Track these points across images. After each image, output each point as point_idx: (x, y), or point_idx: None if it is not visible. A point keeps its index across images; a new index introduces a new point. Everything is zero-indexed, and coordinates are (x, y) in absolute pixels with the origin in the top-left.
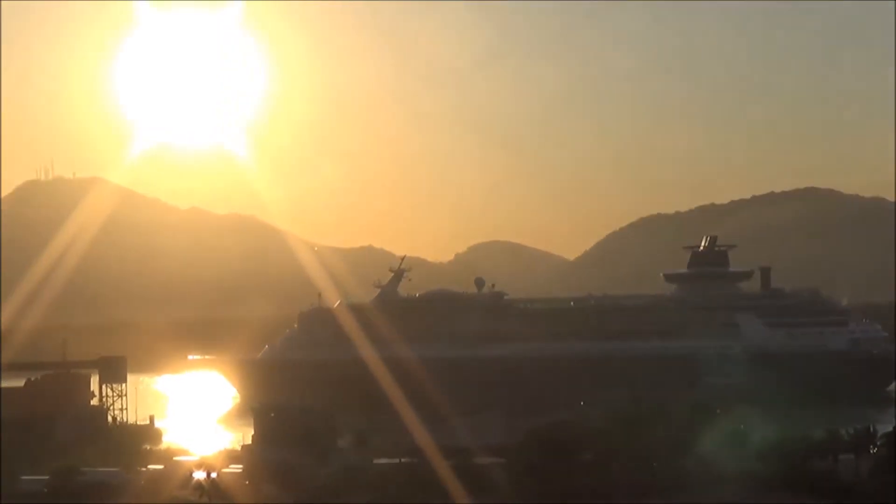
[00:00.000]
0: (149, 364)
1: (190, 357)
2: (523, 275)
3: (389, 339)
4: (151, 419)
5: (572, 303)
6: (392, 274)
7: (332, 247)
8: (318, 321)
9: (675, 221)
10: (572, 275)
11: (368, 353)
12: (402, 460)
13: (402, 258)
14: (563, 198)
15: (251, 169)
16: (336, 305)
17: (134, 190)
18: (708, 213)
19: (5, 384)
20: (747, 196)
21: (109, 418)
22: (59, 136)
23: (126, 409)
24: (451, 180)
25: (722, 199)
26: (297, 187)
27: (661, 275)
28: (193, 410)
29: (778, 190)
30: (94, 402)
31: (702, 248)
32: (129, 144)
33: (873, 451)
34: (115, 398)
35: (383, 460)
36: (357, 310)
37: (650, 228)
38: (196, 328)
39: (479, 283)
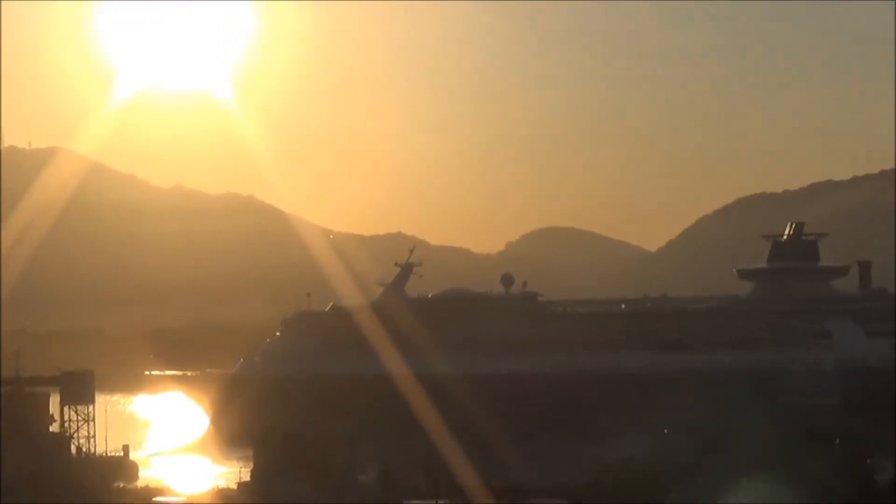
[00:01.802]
0: (123, 381)
1: (147, 373)
2: (591, 269)
3: (392, 350)
4: (125, 450)
5: (623, 305)
6: (398, 269)
7: (351, 233)
8: (304, 328)
9: (784, 202)
10: (652, 269)
11: (367, 366)
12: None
13: (412, 249)
14: (644, 176)
15: (250, 139)
16: (328, 308)
17: (104, 163)
18: (821, 191)
19: None
20: (874, 171)
21: (73, 448)
22: (9, 98)
23: (94, 437)
24: (502, 156)
25: (843, 173)
26: (306, 163)
27: (734, 271)
28: (170, 438)
29: None
30: (55, 427)
31: (785, 236)
32: (100, 104)
33: None
34: (80, 423)
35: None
36: (353, 314)
37: (751, 211)
38: (182, 335)
39: (507, 280)
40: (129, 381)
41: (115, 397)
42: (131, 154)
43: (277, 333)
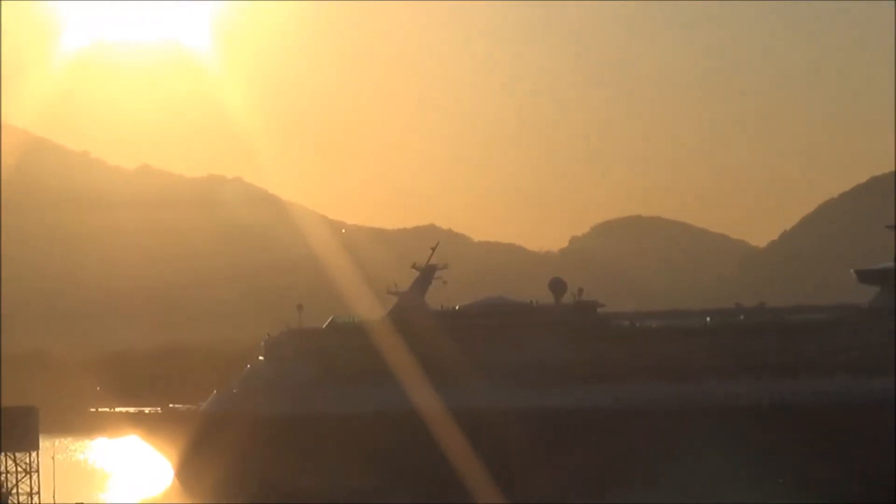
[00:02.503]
0: (74, 419)
1: (93, 410)
2: (681, 270)
3: (418, 379)
4: None
5: (709, 319)
6: (416, 273)
7: (370, 227)
8: (294, 351)
9: None
10: (760, 268)
11: (380, 401)
12: None
13: (435, 246)
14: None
15: (237, 107)
16: (325, 325)
17: (48, 138)
18: None
19: None
20: None
21: None
22: None
23: (38, 493)
24: (565, 131)
25: None
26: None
27: (852, 272)
28: (129, 493)
29: None
30: None
31: None
32: (41, 63)
33: None
34: (19, 476)
35: None
36: (359, 331)
37: (888, 193)
38: (147, 361)
39: (557, 287)
40: (83, 419)
41: (65, 441)
42: (83, 127)
43: (260, 358)
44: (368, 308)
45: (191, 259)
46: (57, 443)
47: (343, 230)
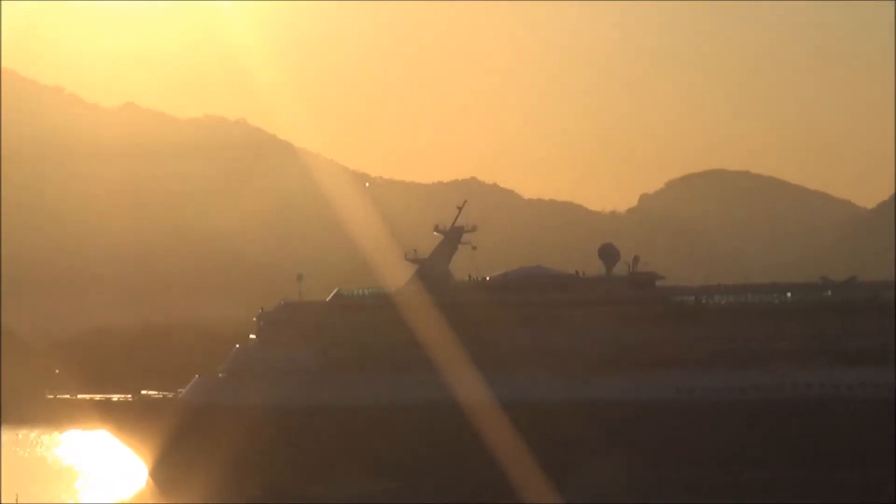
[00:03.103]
0: (41, 409)
1: (51, 396)
2: (773, 234)
3: (431, 364)
4: None
5: (790, 295)
6: (440, 237)
7: (399, 180)
8: (292, 328)
9: None
10: (866, 234)
11: (397, 390)
12: None
13: (462, 205)
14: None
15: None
16: (330, 298)
17: (14, 69)
18: None
19: None
20: None
21: None
22: None
23: None
24: (631, 73)
25: None
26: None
27: None
28: (96, 495)
29: None
30: None
31: None
32: None
33: None
34: None
35: None
36: (368, 306)
37: None
38: (125, 340)
39: (608, 254)
40: (52, 409)
41: (31, 433)
42: (55, 58)
43: (252, 337)
44: (392, 277)
45: (185, 218)
46: (20, 435)
47: (367, 184)
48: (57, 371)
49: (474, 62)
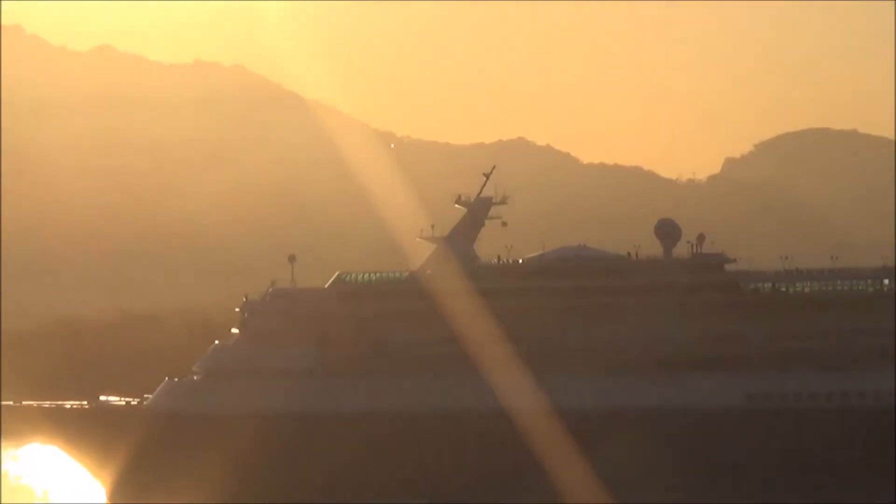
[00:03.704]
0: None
1: None
2: (885, 206)
3: (455, 362)
4: None
5: (887, 282)
6: (462, 211)
7: (431, 141)
8: (281, 322)
9: None
10: None
11: (408, 396)
12: None
13: (490, 172)
14: None
15: None
16: (329, 285)
17: None
18: None
19: None
20: None
21: None
22: None
23: None
24: (719, 23)
25: None
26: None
27: None
28: None
29: None
30: None
31: None
32: None
33: None
34: None
35: None
36: (375, 294)
37: None
38: (99, 335)
39: (668, 231)
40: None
41: None
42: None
43: (234, 331)
44: (415, 257)
45: (169, 185)
46: None
47: (392, 144)
48: None
49: (520, 6)
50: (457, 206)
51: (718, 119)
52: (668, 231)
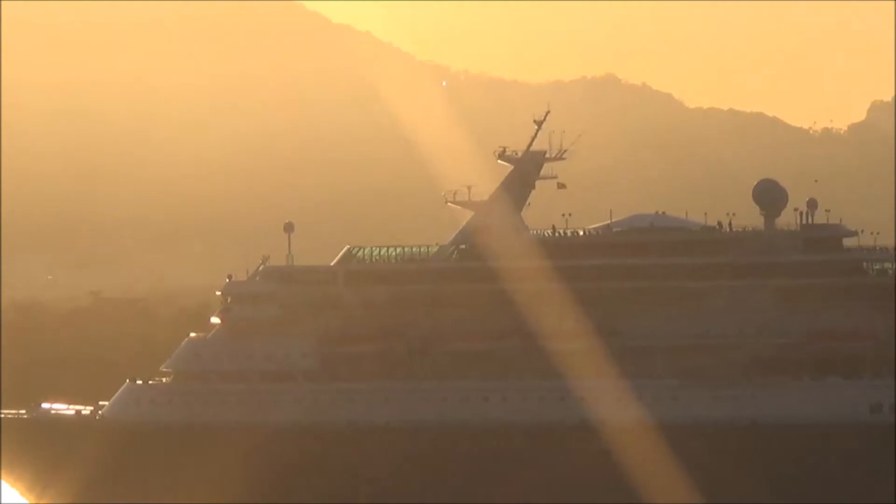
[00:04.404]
0: None
1: None
2: None
3: (501, 363)
4: None
5: None
6: (507, 168)
7: (496, 77)
8: (274, 308)
9: None
10: None
11: (441, 404)
12: None
13: (542, 118)
14: None
15: None
16: (335, 262)
17: None
18: None
19: None
20: None
21: None
22: None
23: None
24: None
25: None
26: None
27: None
28: None
29: None
30: None
31: None
32: None
33: None
34: None
35: None
36: (391, 274)
37: None
38: (64, 324)
39: (770, 196)
40: None
41: None
42: None
43: (214, 321)
44: (445, 227)
45: (157, 133)
46: None
47: (444, 81)
48: None
49: None
50: (500, 161)
51: (863, 57)
52: (769, 195)
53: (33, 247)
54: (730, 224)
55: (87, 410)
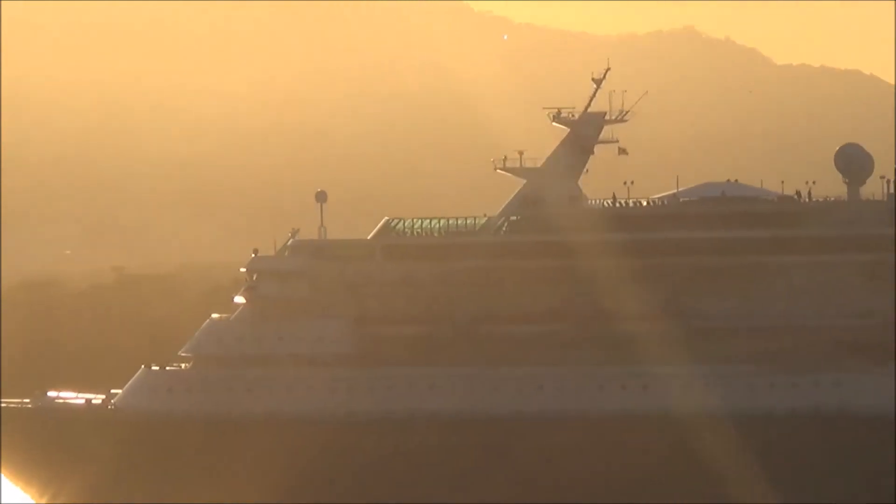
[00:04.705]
0: None
1: None
2: None
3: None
4: None
5: None
6: (563, 131)
7: (564, 31)
8: (305, 286)
9: None
10: None
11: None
12: None
13: (602, 75)
14: None
15: None
16: (373, 235)
17: None
18: None
19: None
20: None
21: None
22: None
23: None
24: None
25: None
26: None
27: None
28: None
29: None
30: None
31: None
32: None
33: None
34: None
35: None
36: (435, 249)
37: None
38: (81, 302)
39: (854, 162)
40: None
41: None
42: None
43: (238, 300)
44: (494, 196)
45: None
46: None
47: (505, 35)
48: None
49: None
50: (555, 124)
51: None
52: (853, 160)
53: (49, 219)
54: (809, 194)
55: (98, 399)
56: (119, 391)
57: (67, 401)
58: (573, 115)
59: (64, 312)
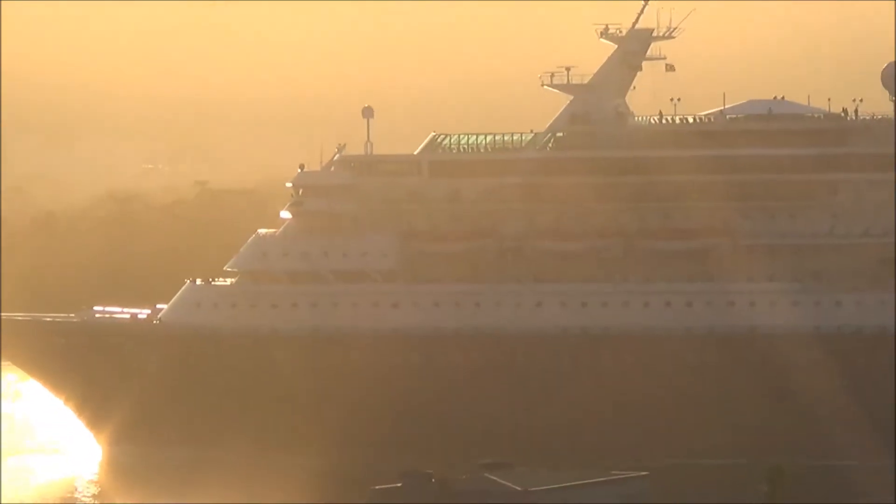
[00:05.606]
0: None
1: None
2: None
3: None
4: None
5: None
6: (610, 48)
7: None
8: (351, 202)
9: None
10: None
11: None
12: None
13: None
14: None
15: None
16: (419, 151)
17: None
18: None
19: None
20: None
21: None
22: None
23: None
24: None
25: None
26: None
27: None
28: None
29: None
30: None
31: None
32: None
33: None
34: None
35: None
36: (482, 164)
37: None
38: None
39: None
40: None
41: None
42: None
43: (284, 215)
44: (541, 112)
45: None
46: None
47: None
48: None
49: None
50: (602, 40)
51: None
52: None
53: (127, 133)
54: (856, 111)
55: (143, 314)
56: (163, 307)
57: (113, 315)
58: (620, 32)
59: (145, 227)
